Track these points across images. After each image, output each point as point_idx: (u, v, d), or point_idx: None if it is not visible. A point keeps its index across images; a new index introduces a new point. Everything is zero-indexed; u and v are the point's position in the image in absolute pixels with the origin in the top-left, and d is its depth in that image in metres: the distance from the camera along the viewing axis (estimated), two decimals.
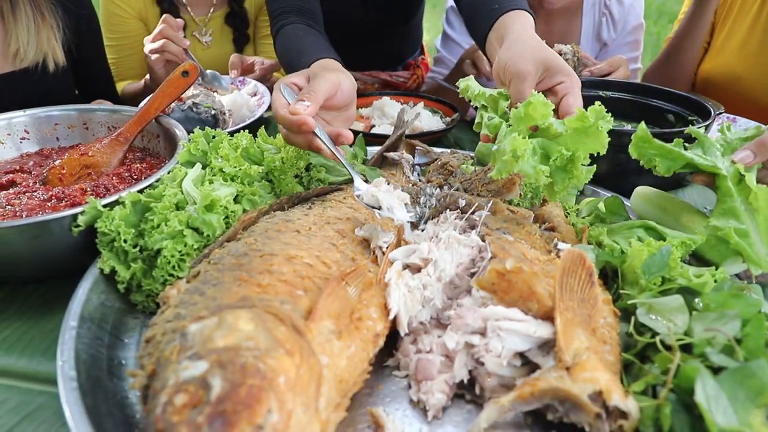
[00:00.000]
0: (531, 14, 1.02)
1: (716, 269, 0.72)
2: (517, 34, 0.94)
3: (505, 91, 0.89)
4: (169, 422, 0.44)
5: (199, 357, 0.48)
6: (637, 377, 0.60)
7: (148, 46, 1.57)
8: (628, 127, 1.29)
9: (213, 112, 1.38)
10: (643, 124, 0.87)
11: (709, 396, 0.51)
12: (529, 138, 0.77)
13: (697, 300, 0.65)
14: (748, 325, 0.58)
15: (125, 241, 0.76)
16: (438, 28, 2.21)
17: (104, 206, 0.78)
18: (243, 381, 0.46)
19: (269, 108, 1.46)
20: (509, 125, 0.81)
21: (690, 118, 1.21)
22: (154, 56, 1.56)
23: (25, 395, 0.67)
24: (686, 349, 0.60)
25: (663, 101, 1.31)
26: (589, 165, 0.89)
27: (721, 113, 1.25)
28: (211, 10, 1.98)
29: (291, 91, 0.90)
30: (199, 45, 1.98)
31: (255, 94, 1.60)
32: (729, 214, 0.81)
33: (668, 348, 0.60)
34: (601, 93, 1.38)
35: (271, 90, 1.51)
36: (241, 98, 1.55)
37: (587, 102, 1.18)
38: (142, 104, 1.14)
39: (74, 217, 0.78)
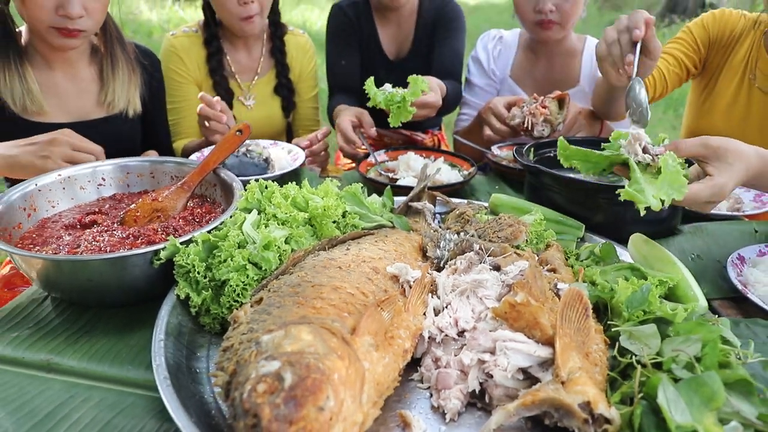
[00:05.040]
0: None
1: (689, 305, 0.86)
2: None
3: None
4: (254, 403, 0.59)
5: (273, 358, 0.64)
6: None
7: (200, 119, 1.78)
8: (615, 179, 1.44)
9: (264, 156, 1.60)
10: (562, 138, 1.19)
11: (669, 399, 0.65)
12: None
13: (669, 328, 0.79)
14: (707, 347, 0.72)
15: (198, 273, 0.92)
16: None
17: (181, 244, 0.95)
18: (308, 375, 0.61)
19: (303, 164, 1.71)
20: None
21: None
22: (204, 127, 1.79)
23: (118, 395, 0.82)
24: (658, 366, 0.73)
25: None
26: (588, 216, 1.08)
27: None
28: (255, 77, 2.23)
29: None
30: (244, 108, 2.22)
31: (290, 152, 1.80)
32: (634, 183, 1.04)
33: (643, 366, 0.74)
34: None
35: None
36: (278, 152, 1.76)
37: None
38: (197, 155, 1.32)
39: (156, 252, 0.95)
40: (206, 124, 1.75)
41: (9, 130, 1.63)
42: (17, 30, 1.63)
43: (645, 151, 1.11)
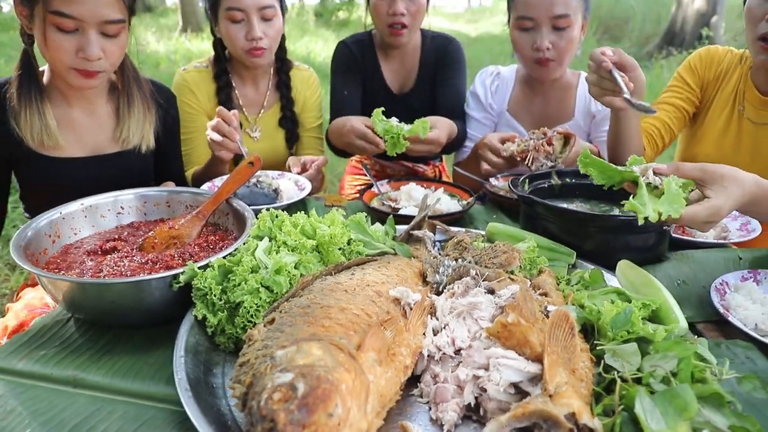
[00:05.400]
0: None
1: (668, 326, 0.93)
2: None
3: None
4: (271, 410, 0.65)
5: (287, 370, 0.70)
6: None
7: (211, 134, 1.84)
8: (617, 212, 1.52)
9: (274, 187, 1.69)
10: (585, 148, 1.34)
11: (646, 410, 0.71)
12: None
13: (650, 347, 0.86)
14: (682, 363, 0.79)
15: (214, 295, 1.00)
16: None
17: (198, 268, 1.03)
18: (318, 385, 0.68)
19: (310, 193, 1.81)
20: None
21: None
22: (213, 137, 1.81)
23: (140, 408, 0.89)
24: (638, 380, 0.80)
25: None
26: (579, 244, 1.16)
27: None
28: (261, 110, 2.35)
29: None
30: (250, 139, 2.32)
31: (297, 182, 1.88)
32: (639, 198, 1.15)
33: (624, 381, 0.80)
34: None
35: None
36: (285, 182, 1.84)
37: (586, 188, 1.52)
38: (208, 185, 1.40)
39: (175, 276, 1.03)
40: (218, 139, 1.78)
41: (26, 164, 1.73)
42: (39, 69, 1.73)
43: (655, 174, 1.21)
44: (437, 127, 1.89)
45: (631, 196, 1.17)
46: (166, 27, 15.65)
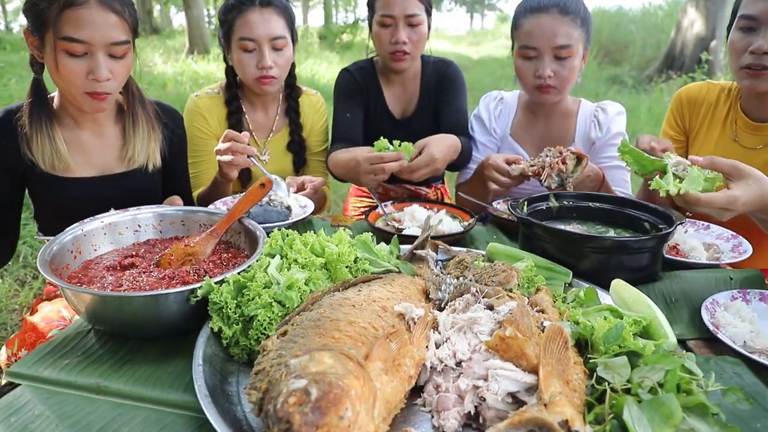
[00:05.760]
0: None
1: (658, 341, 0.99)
2: None
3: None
4: (287, 412, 0.71)
5: (301, 377, 0.76)
6: None
7: (223, 157, 1.92)
8: (612, 233, 1.58)
9: (286, 204, 1.79)
10: (625, 138, 1.54)
11: (634, 417, 0.77)
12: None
13: (640, 360, 0.92)
14: (669, 374, 0.85)
15: (230, 309, 1.06)
16: None
17: (215, 284, 1.09)
18: (330, 390, 0.73)
19: (312, 212, 1.88)
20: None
21: (660, 226, 1.51)
22: (225, 160, 1.87)
23: (160, 414, 0.94)
24: (627, 391, 0.86)
25: (641, 212, 1.60)
26: (575, 264, 1.24)
27: (682, 222, 1.54)
28: (270, 134, 2.44)
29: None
30: (260, 162, 2.40)
31: (298, 201, 1.95)
32: (665, 178, 1.41)
33: (615, 391, 0.86)
34: (590, 204, 1.69)
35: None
36: (291, 202, 1.91)
37: (582, 211, 1.61)
38: (219, 204, 1.46)
39: (192, 290, 1.09)
40: (228, 159, 1.83)
41: (38, 185, 1.81)
42: (49, 96, 1.82)
43: (692, 164, 1.40)
44: (430, 145, 1.94)
45: (657, 176, 1.41)
46: (173, 49, 15.91)
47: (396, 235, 1.53)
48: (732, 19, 1.87)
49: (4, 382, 1.06)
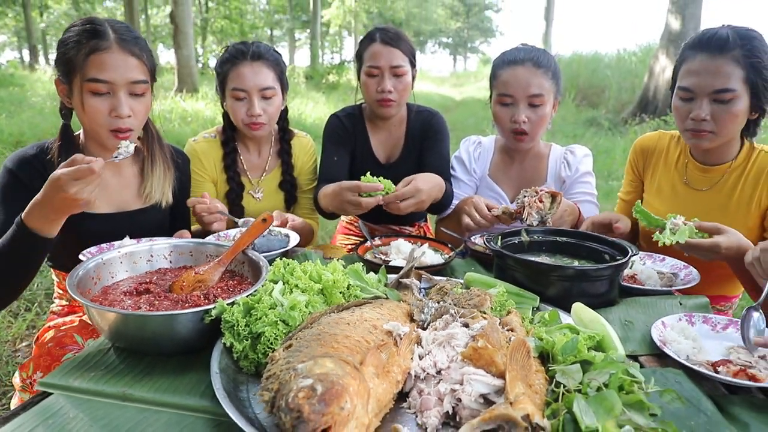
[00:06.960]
0: None
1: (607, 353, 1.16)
2: None
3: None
4: (297, 404, 0.87)
5: (308, 377, 0.92)
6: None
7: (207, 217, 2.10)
8: (576, 263, 1.77)
9: (284, 233, 1.99)
10: (638, 202, 1.95)
11: (581, 409, 0.94)
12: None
13: (591, 367, 1.09)
14: (612, 377, 1.02)
15: (240, 327, 1.21)
16: None
17: (227, 305, 1.25)
18: (333, 386, 0.89)
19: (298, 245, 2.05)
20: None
21: (617, 257, 1.70)
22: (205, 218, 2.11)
23: (180, 417, 1.09)
24: (579, 391, 1.02)
25: (601, 245, 1.80)
26: (542, 291, 1.43)
27: (636, 254, 1.72)
28: (263, 174, 2.62)
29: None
30: (253, 200, 2.59)
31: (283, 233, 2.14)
32: (663, 234, 1.76)
33: (568, 391, 1.03)
34: (557, 238, 1.88)
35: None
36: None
37: (550, 244, 1.80)
38: (223, 236, 1.63)
39: (207, 311, 1.24)
40: (203, 216, 2.07)
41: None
42: (75, 134, 1.99)
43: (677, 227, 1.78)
44: (417, 179, 2.12)
45: (657, 232, 1.78)
46: (162, 87, 16.12)
47: (384, 266, 1.70)
48: (673, 84, 2.11)
49: (23, 399, 1.18)
